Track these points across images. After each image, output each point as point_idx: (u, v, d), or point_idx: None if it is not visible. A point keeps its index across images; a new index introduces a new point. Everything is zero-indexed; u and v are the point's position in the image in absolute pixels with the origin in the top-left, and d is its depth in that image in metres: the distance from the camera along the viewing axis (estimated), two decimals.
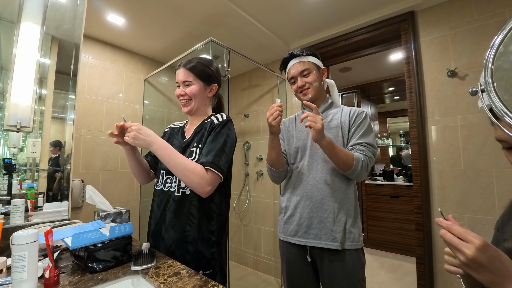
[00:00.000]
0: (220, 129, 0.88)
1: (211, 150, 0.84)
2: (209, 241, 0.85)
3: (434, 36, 1.69)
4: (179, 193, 0.86)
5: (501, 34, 0.43)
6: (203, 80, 0.94)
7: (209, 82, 0.96)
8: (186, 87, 0.93)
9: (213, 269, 0.85)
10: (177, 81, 0.95)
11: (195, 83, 0.93)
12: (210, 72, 0.96)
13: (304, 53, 1.04)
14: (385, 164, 4.09)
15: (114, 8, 1.77)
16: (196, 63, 0.94)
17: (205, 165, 0.81)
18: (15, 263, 0.55)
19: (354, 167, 0.89)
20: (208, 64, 0.97)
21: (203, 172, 0.80)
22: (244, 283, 2.37)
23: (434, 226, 1.62)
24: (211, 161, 0.81)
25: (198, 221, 0.84)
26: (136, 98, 2.42)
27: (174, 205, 0.86)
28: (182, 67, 0.94)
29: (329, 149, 0.87)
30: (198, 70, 0.93)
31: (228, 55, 1.93)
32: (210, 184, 0.81)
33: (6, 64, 1.11)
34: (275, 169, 1.05)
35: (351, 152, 0.91)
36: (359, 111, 1.00)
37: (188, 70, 0.93)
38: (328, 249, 0.91)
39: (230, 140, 0.88)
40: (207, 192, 0.81)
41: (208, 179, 0.80)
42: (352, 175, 0.91)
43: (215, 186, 0.84)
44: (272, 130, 0.95)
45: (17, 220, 1.00)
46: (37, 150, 1.15)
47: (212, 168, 0.81)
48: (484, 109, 0.46)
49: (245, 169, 2.80)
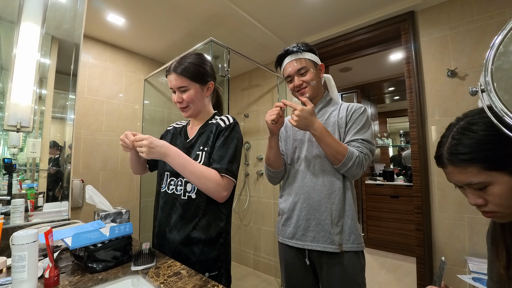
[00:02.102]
0: (229, 133, 0.87)
1: (223, 156, 0.84)
2: (217, 242, 0.85)
3: (434, 36, 1.69)
4: (185, 197, 0.86)
5: (501, 34, 0.43)
6: (198, 81, 0.89)
7: (205, 81, 0.92)
8: (182, 93, 0.88)
9: (219, 270, 0.84)
10: (171, 87, 0.90)
11: (191, 87, 0.88)
12: (203, 71, 0.90)
13: (301, 49, 0.98)
14: (385, 164, 4.09)
15: (114, 8, 1.77)
16: (188, 65, 0.87)
17: (220, 171, 0.82)
18: (15, 263, 0.55)
19: (345, 160, 0.85)
20: (200, 62, 0.91)
21: (219, 178, 0.81)
22: (244, 283, 2.37)
23: (434, 226, 1.62)
24: (226, 168, 0.82)
25: (205, 224, 0.84)
26: (136, 98, 2.42)
27: (180, 209, 0.85)
28: (173, 72, 0.87)
29: (319, 135, 0.85)
30: (191, 72, 0.87)
31: (228, 55, 1.93)
32: (226, 189, 0.83)
33: (6, 64, 1.11)
34: (272, 169, 1.03)
35: (346, 145, 0.88)
36: (356, 107, 0.97)
37: (180, 74, 0.86)
38: (326, 252, 0.89)
39: (239, 144, 0.89)
40: (224, 197, 0.84)
41: (223, 185, 0.82)
42: (343, 169, 0.87)
43: (230, 190, 0.86)
44: (269, 128, 0.94)
45: (17, 220, 1.00)
46: (37, 150, 1.15)
47: (228, 175, 0.82)
48: (484, 109, 0.46)
49: (245, 169, 2.80)
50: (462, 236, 1.51)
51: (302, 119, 0.84)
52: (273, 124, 0.91)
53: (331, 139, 0.86)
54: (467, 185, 0.48)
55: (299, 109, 0.84)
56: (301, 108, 0.84)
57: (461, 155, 0.47)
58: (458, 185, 0.51)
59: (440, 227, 1.59)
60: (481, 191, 0.47)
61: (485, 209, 0.48)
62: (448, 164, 0.49)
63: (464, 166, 0.46)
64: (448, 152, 0.49)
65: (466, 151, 0.46)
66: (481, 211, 0.49)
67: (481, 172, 0.45)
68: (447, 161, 0.49)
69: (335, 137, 0.88)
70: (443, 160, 0.51)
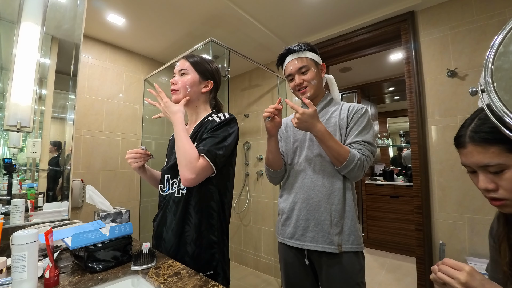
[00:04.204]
0: (221, 126, 0.85)
1: (208, 142, 0.80)
2: (209, 241, 0.83)
3: (434, 36, 1.69)
4: (178, 195, 0.85)
5: (501, 34, 0.43)
6: (199, 72, 0.93)
7: (205, 77, 0.95)
8: (180, 77, 0.93)
9: (214, 270, 0.83)
10: (175, 71, 0.95)
11: (190, 73, 0.92)
12: (207, 68, 0.95)
13: (302, 48, 0.98)
14: (385, 164, 4.09)
15: (114, 8, 1.77)
16: (197, 56, 0.96)
17: (200, 151, 0.78)
18: (15, 263, 0.55)
19: (346, 162, 0.85)
20: (208, 61, 0.97)
21: (195, 157, 0.76)
22: (244, 283, 2.37)
23: (434, 226, 1.62)
24: (207, 150, 0.78)
25: (196, 221, 0.82)
26: (136, 98, 2.42)
27: (174, 207, 0.85)
28: (182, 58, 0.96)
29: (320, 137, 0.85)
30: (196, 61, 0.94)
31: (228, 55, 1.93)
32: (196, 171, 0.74)
33: (6, 64, 1.11)
34: (271, 169, 1.03)
35: (348, 148, 0.87)
36: (358, 107, 0.96)
37: (186, 59, 0.94)
38: (326, 252, 0.89)
39: (230, 137, 0.84)
40: (188, 180, 0.75)
41: (196, 165, 0.75)
42: (344, 170, 0.87)
43: (201, 176, 0.77)
44: (266, 129, 0.94)
45: (17, 220, 1.00)
46: (37, 150, 1.15)
47: (205, 155, 0.76)
48: (484, 109, 0.46)
49: (245, 169, 2.80)
50: (462, 236, 1.51)
51: (302, 122, 0.84)
52: (269, 124, 0.91)
53: (333, 141, 0.85)
54: (483, 167, 0.47)
55: (300, 112, 0.84)
56: (302, 111, 0.84)
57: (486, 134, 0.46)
58: (473, 167, 0.50)
59: (440, 227, 1.59)
60: (495, 175, 0.46)
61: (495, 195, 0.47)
62: (469, 143, 0.49)
63: (486, 146, 0.46)
64: (472, 131, 0.49)
65: (491, 130, 0.46)
66: (489, 197, 0.49)
67: (502, 153, 0.45)
68: (469, 139, 0.49)
69: (336, 140, 0.87)
70: (464, 139, 0.50)
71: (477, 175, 0.50)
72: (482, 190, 0.49)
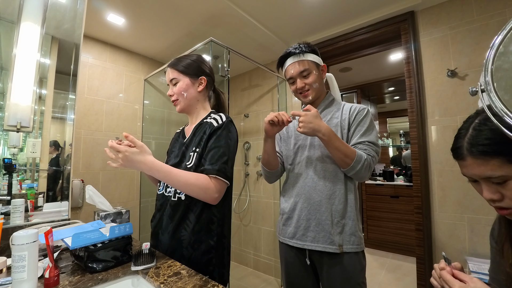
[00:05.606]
0: (221, 132, 0.85)
1: (214, 156, 0.81)
2: (207, 245, 0.82)
3: (434, 36, 1.69)
4: (175, 199, 0.85)
5: (501, 34, 0.43)
6: (188, 74, 0.92)
7: (196, 76, 0.94)
8: (174, 86, 0.93)
9: (210, 274, 0.81)
10: (168, 83, 0.96)
11: (180, 79, 0.92)
12: (195, 65, 0.94)
13: (303, 50, 0.97)
14: (385, 164, 4.09)
15: (114, 8, 1.77)
16: (181, 58, 0.94)
17: (211, 173, 0.79)
18: (15, 263, 0.55)
19: (354, 163, 0.84)
20: (193, 58, 0.95)
21: (207, 182, 0.78)
22: (244, 283, 2.37)
23: (434, 226, 1.62)
24: (217, 169, 0.79)
25: (195, 226, 0.82)
26: (136, 98, 2.42)
27: (170, 210, 0.85)
28: (168, 67, 0.95)
29: (327, 139, 0.84)
30: (182, 65, 0.93)
31: (228, 55, 1.93)
32: (217, 192, 0.80)
33: (6, 64, 1.11)
34: (267, 169, 1.05)
35: (354, 148, 0.87)
36: (360, 108, 0.96)
37: (172, 67, 0.93)
38: (327, 252, 0.89)
39: (231, 142, 0.86)
40: (215, 199, 0.80)
41: (213, 187, 0.78)
42: (351, 172, 0.87)
43: (223, 192, 0.83)
44: (265, 129, 0.94)
45: (17, 220, 1.00)
46: (37, 150, 1.15)
47: (219, 177, 0.79)
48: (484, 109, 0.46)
49: (245, 169, 2.80)
50: (462, 236, 1.51)
51: (307, 123, 0.83)
52: (270, 126, 0.91)
53: (340, 142, 0.85)
54: (485, 178, 0.46)
55: (303, 114, 0.84)
56: (305, 113, 0.84)
57: (484, 147, 0.44)
58: (475, 178, 0.48)
59: (440, 227, 1.59)
60: (499, 186, 0.45)
61: (501, 205, 0.46)
62: (467, 156, 0.47)
63: (486, 158, 0.44)
64: (469, 143, 0.46)
65: (489, 143, 0.44)
66: (495, 206, 0.47)
67: (504, 165, 0.43)
68: (467, 152, 0.47)
69: (343, 140, 0.87)
70: (462, 151, 0.48)
71: (479, 184, 0.48)
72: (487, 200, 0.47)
